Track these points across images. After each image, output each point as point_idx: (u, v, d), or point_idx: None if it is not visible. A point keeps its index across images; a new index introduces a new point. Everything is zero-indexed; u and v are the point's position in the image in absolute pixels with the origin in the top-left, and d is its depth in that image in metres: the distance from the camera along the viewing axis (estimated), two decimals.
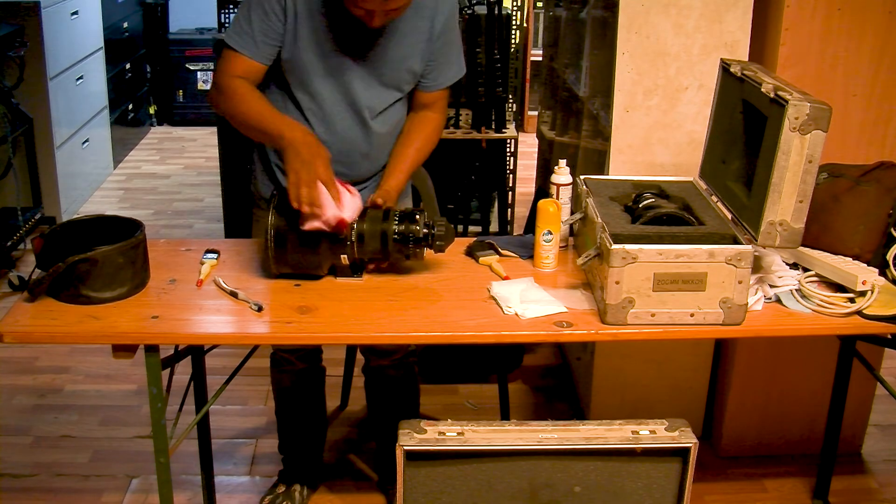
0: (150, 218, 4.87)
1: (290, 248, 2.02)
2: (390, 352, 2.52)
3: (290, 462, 2.70)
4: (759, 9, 2.55)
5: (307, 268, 2.08)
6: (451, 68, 2.29)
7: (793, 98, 1.87)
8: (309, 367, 2.59)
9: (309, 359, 2.57)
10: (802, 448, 2.96)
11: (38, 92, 4.50)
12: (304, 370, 2.58)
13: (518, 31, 4.26)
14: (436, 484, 1.53)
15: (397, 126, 2.30)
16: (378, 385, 2.66)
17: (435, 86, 2.29)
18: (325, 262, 2.08)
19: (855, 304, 2.00)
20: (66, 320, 1.92)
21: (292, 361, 2.54)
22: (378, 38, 2.15)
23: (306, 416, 2.66)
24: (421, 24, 2.17)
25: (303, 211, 1.95)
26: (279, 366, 2.57)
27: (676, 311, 1.93)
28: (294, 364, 2.54)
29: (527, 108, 6.22)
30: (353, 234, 2.03)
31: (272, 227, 2.01)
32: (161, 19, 6.42)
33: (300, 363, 2.55)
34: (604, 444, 1.52)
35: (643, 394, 2.95)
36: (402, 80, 2.22)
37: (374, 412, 2.75)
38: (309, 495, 2.72)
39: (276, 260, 2.04)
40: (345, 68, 2.16)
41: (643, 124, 2.62)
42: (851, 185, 2.16)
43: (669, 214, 2.07)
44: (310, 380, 2.62)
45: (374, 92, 2.20)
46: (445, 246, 2.07)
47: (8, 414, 3.17)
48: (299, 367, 2.55)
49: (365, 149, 2.25)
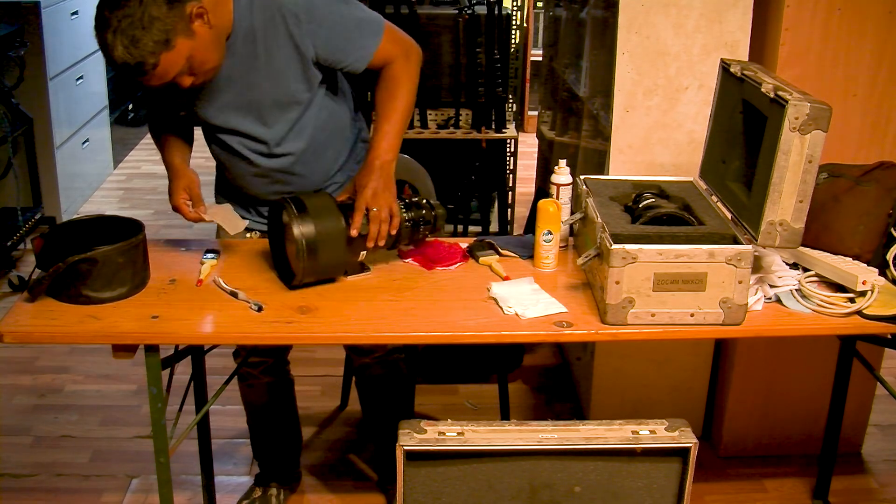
0: (150, 218, 4.87)
1: (321, 256, 2.01)
2: (371, 350, 2.51)
3: (266, 464, 2.70)
4: (759, 9, 2.55)
5: (332, 273, 2.08)
6: (352, 41, 2.12)
7: (793, 98, 1.87)
8: (275, 381, 2.58)
9: (273, 372, 2.56)
10: (802, 448, 2.96)
11: (38, 92, 4.50)
12: (271, 383, 2.57)
13: (518, 31, 4.27)
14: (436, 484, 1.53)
15: (325, 124, 2.23)
16: (366, 384, 2.66)
17: (357, 66, 2.15)
18: (349, 264, 2.09)
19: (855, 304, 2.00)
20: (66, 320, 1.92)
21: (256, 376, 2.53)
22: (235, 82, 2.10)
23: (277, 426, 2.66)
24: (276, 47, 2.07)
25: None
26: (245, 380, 2.56)
27: (676, 311, 1.93)
28: (259, 378, 2.54)
29: (527, 108, 6.22)
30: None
31: (304, 237, 1.98)
32: None
33: (264, 377, 2.54)
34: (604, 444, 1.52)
35: (643, 394, 2.95)
36: (287, 101, 2.15)
37: (366, 412, 2.75)
38: (286, 497, 2.71)
39: (305, 271, 2.02)
40: (224, 117, 2.17)
41: (643, 124, 2.62)
42: (851, 185, 2.16)
43: (669, 214, 2.07)
44: (277, 392, 2.61)
45: (262, 125, 2.17)
46: (444, 225, 2.22)
47: (8, 414, 3.18)
48: (265, 380, 2.55)
49: (296, 169, 2.24)
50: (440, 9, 3.83)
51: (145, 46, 1.87)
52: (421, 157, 2.92)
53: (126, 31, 1.85)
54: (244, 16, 2.05)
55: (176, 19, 1.89)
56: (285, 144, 2.19)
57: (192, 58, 1.95)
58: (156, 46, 1.87)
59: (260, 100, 2.14)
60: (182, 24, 1.90)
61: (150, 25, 1.86)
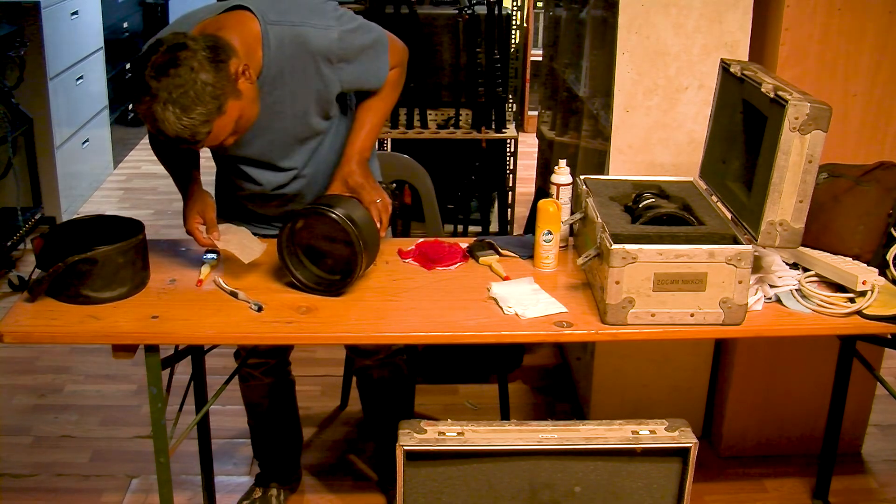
0: (150, 218, 4.87)
1: (371, 249, 2.05)
2: (373, 352, 2.51)
3: (266, 464, 2.70)
4: (759, 9, 2.55)
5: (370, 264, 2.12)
6: (373, 73, 2.15)
7: (793, 98, 1.87)
8: (276, 381, 2.58)
9: (275, 373, 2.55)
10: (802, 448, 2.96)
11: (38, 92, 4.50)
12: (272, 384, 2.57)
13: (518, 31, 4.26)
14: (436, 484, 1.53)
15: (339, 147, 2.21)
16: (367, 386, 2.65)
17: (377, 85, 2.17)
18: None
19: (855, 304, 2.00)
20: (66, 320, 1.92)
21: (258, 376, 2.53)
22: (258, 124, 2.03)
23: (278, 426, 2.66)
24: (302, 89, 2.06)
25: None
26: (246, 381, 2.56)
27: (676, 311, 1.93)
28: (260, 379, 2.54)
29: (527, 108, 6.22)
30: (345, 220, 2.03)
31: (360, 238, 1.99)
32: (161, 19, 6.42)
33: (265, 378, 2.54)
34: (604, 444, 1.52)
35: (643, 394, 2.95)
36: (308, 135, 2.16)
37: (367, 413, 2.75)
38: (286, 497, 2.71)
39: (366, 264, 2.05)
40: (243, 151, 2.14)
41: (643, 124, 2.61)
42: (851, 185, 2.16)
43: (669, 214, 2.07)
44: (278, 392, 2.61)
45: (282, 158, 2.17)
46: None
47: (8, 414, 3.17)
48: (265, 381, 2.55)
49: (305, 190, 2.24)
50: (440, 9, 3.83)
51: (199, 116, 1.79)
52: (421, 157, 2.92)
53: (178, 102, 1.77)
54: (273, 61, 2.00)
55: (224, 82, 1.82)
56: (302, 171, 2.21)
57: (241, 118, 1.90)
58: (209, 115, 1.80)
59: (282, 139, 2.14)
60: (230, 85, 1.84)
61: (203, 93, 1.78)
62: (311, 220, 2.03)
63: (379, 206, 2.09)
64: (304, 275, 2.05)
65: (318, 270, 2.06)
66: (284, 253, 2.04)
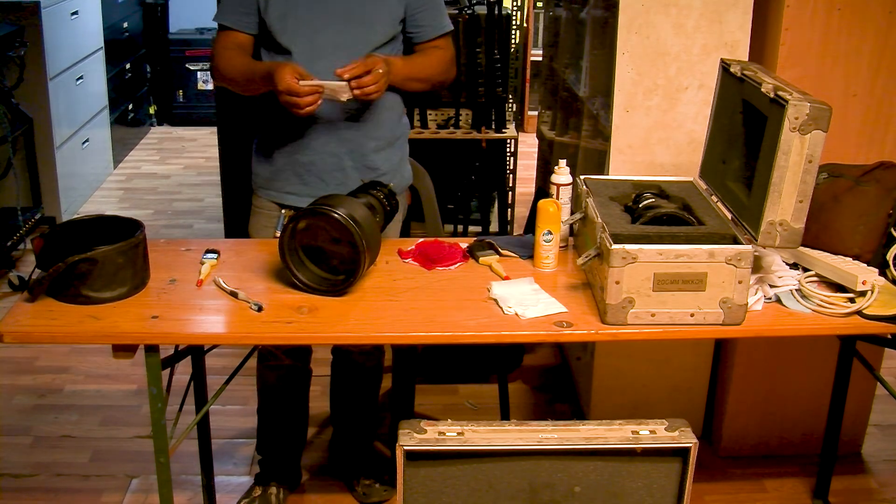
0: (150, 218, 4.87)
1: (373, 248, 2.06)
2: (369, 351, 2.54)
3: (267, 462, 2.70)
4: (759, 9, 2.55)
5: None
6: (436, 14, 2.37)
7: (793, 98, 1.87)
8: (295, 366, 2.58)
9: (297, 355, 2.56)
10: (802, 448, 2.96)
11: (38, 92, 4.50)
12: (291, 368, 2.57)
13: (518, 31, 4.26)
14: (436, 484, 1.53)
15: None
16: (343, 370, 2.68)
17: (425, 34, 2.36)
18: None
19: (855, 304, 2.00)
20: (66, 320, 1.92)
21: (279, 356, 2.53)
22: (333, 22, 2.25)
23: (289, 416, 2.66)
24: None
25: (291, 102, 2.14)
26: (265, 360, 2.56)
27: (676, 311, 1.93)
28: (281, 359, 2.54)
29: (527, 108, 6.22)
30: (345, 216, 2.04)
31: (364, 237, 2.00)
32: (161, 19, 6.42)
33: (287, 358, 2.54)
34: (604, 444, 1.52)
35: (643, 394, 2.95)
36: (379, 23, 2.29)
37: (336, 397, 2.77)
38: (286, 496, 2.71)
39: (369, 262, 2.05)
40: (318, 26, 2.25)
41: (643, 124, 2.62)
42: (851, 185, 2.16)
43: (669, 214, 2.07)
44: (295, 379, 2.62)
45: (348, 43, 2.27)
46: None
47: (8, 414, 3.18)
48: (286, 362, 2.55)
49: (359, 120, 2.32)
50: None
51: None
52: (421, 157, 2.92)
53: None
54: None
55: None
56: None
57: None
58: None
59: (352, 43, 2.25)
60: None
61: None
62: (313, 220, 2.03)
63: (374, 77, 2.15)
64: (306, 275, 2.05)
65: (319, 270, 2.06)
66: (286, 253, 2.04)
